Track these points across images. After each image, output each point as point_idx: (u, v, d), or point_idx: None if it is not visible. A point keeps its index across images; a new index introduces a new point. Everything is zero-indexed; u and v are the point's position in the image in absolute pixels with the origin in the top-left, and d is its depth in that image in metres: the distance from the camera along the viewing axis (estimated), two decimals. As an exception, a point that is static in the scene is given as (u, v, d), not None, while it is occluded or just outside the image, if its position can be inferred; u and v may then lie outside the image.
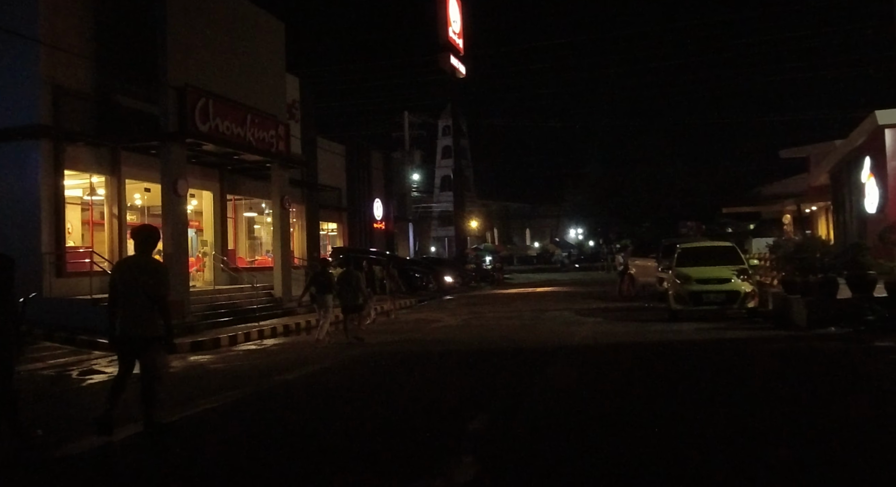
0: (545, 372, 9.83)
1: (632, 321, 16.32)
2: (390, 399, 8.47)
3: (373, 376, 10.40)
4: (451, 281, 32.26)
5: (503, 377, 9.58)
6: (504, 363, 10.84)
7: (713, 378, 9.07)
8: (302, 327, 18.31)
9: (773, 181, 48.28)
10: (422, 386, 9.31)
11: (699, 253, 16.86)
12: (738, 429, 6.31)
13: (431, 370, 10.72)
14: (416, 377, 9.97)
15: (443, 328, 16.78)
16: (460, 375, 10.07)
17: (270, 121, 20.57)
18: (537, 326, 16.03)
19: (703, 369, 9.86)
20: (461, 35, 41.35)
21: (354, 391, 9.22)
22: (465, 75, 41.47)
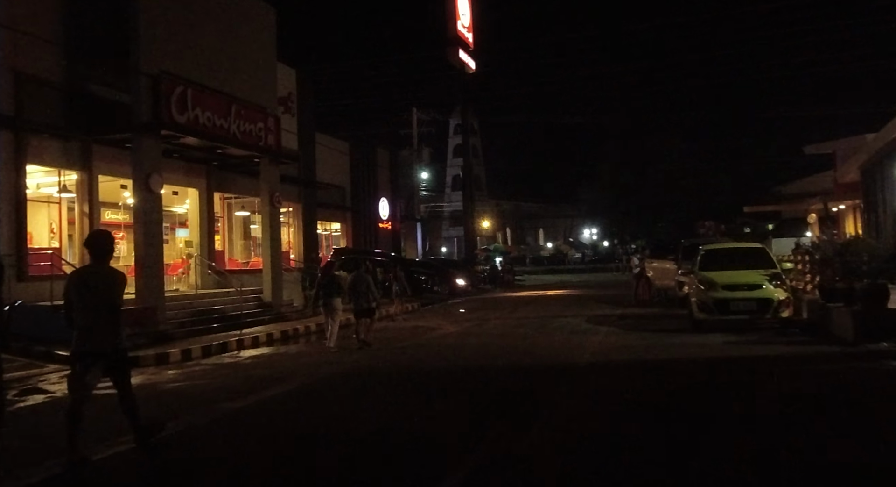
0: (545, 404, 8.03)
1: (649, 330, 14.47)
2: (344, 440, 6.70)
3: (336, 404, 8.64)
4: (458, 284, 30.46)
5: (492, 411, 7.79)
6: (497, 390, 9.06)
7: (756, 416, 7.22)
8: (290, 335, 16.65)
9: (795, 180, 46.16)
10: (388, 422, 7.53)
11: (725, 255, 14.97)
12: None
13: (410, 396, 8.94)
14: (386, 408, 8.20)
15: (439, 339, 15.02)
16: (442, 406, 8.29)
17: (259, 113, 18.90)
18: (543, 337, 14.22)
19: (741, 400, 8.01)
20: (470, 29, 39.47)
21: (306, 427, 7.45)
22: (474, 71, 39.57)
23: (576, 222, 69.65)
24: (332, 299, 13.67)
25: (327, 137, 30.27)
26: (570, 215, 66.99)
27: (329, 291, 13.77)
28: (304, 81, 24.57)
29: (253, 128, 18.54)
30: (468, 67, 39.00)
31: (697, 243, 19.81)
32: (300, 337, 16.73)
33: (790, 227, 40.03)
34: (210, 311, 17.37)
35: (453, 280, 30.59)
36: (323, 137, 29.26)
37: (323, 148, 28.61)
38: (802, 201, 35.30)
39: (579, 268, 54.23)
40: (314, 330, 17.63)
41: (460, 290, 30.05)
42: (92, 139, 16.29)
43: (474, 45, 40.21)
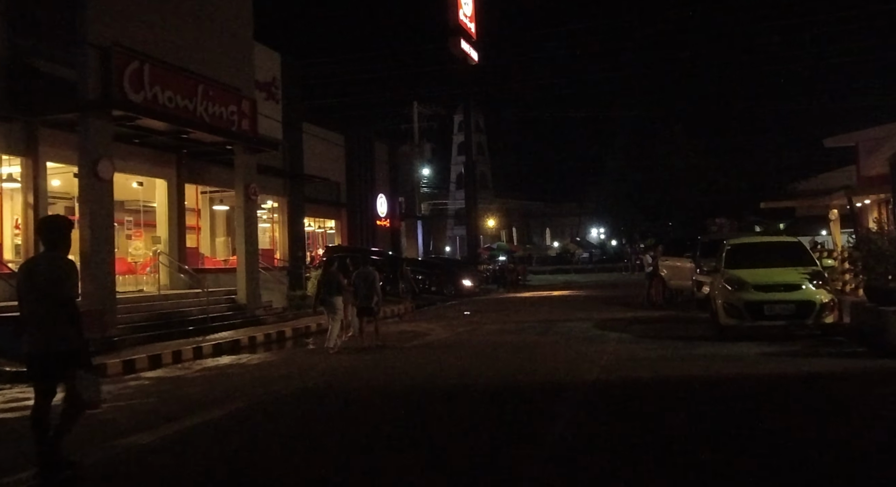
0: (537, 443, 5.88)
1: (666, 338, 12.28)
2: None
3: (270, 440, 6.51)
4: (463, 284, 28.36)
5: (469, 454, 5.66)
6: (479, 419, 6.91)
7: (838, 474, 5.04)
8: (260, 341, 14.56)
9: (810, 177, 43.82)
10: (331, 469, 5.42)
11: (755, 251, 12.74)
12: None
13: (367, 427, 6.81)
14: (334, 446, 6.08)
15: (426, 347, 12.88)
16: (408, 442, 6.16)
17: (231, 95, 16.83)
18: (545, 345, 12.05)
19: (813, 447, 5.82)
20: (473, 19, 37.34)
21: (214, 477, 5.36)
22: (477, 62, 37.44)
23: (583, 221, 67.26)
24: (332, 298, 12.72)
25: (320, 129, 28.15)
26: (578, 214, 64.60)
27: (330, 289, 12.79)
28: (291, 67, 22.48)
29: (224, 111, 16.47)
30: (471, 58, 36.87)
31: (718, 239, 17.62)
32: (273, 344, 14.66)
33: (804, 226, 37.64)
34: (173, 314, 15.30)
35: (458, 281, 28.49)
36: (315, 129, 27.16)
37: (315, 140, 26.53)
38: (824, 196, 32.93)
39: (587, 268, 51.97)
40: (290, 335, 15.57)
41: (466, 291, 27.97)
42: (38, 121, 14.26)
43: (477, 36, 38.10)
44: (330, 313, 12.82)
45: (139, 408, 8.14)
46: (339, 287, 12.91)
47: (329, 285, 12.95)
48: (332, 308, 12.75)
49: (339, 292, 12.89)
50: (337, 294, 12.85)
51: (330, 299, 12.79)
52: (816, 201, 33.77)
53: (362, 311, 12.91)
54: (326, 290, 12.97)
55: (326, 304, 12.88)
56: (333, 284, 12.92)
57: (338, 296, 12.85)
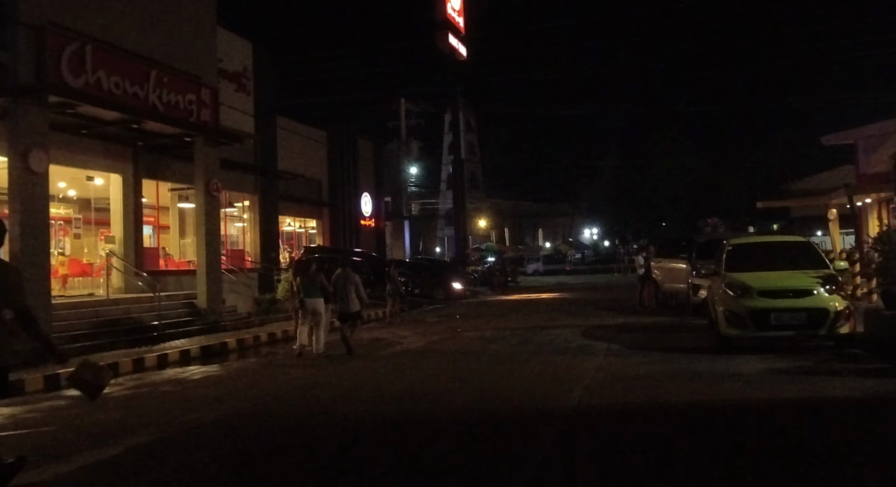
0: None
1: (659, 349, 10.82)
2: None
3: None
4: (446, 287, 26.92)
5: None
6: (428, 462, 5.45)
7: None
8: (215, 351, 13.08)
9: (805, 176, 42.58)
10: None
11: (759, 252, 11.29)
12: None
13: (282, 476, 5.33)
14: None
15: (394, 357, 11.41)
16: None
17: (189, 83, 15.37)
18: (523, 359, 10.57)
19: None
20: (461, 13, 35.90)
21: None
22: (465, 58, 36.00)
23: (576, 222, 65.81)
24: (311, 301, 11.87)
25: (301, 125, 26.76)
26: (570, 214, 63.14)
27: (309, 292, 11.93)
28: (263, 57, 20.99)
29: (181, 100, 15.00)
30: (459, 53, 35.46)
31: (716, 239, 16.21)
32: (229, 354, 13.21)
33: (799, 226, 36.29)
34: (122, 321, 13.83)
35: (447, 283, 27.06)
36: (294, 124, 25.75)
37: (294, 136, 25.08)
38: (819, 197, 31.56)
39: (579, 269, 50.51)
40: (250, 344, 14.11)
41: (455, 294, 26.59)
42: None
43: (466, 31, 36.68)
44: (307, 317, 11.93)
45: (26, 441, 6.65)
46: (320, 290, 12.08)
47: (310, 288, 11.99)
48: (311, 313, 11.86)
49: (313, 294, 11.99)
50: (316, 297, 11.96)
51: (308, 303, 11.87)
52: (814, 200, 32.40)
53: (346, 316, 12.09)
54: (307, 293, 11.98)
55: (304, 308, 11.95)
56: (314, 287, 12.01)
57: (317, 298, 11.95)
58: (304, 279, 12.26)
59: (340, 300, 12.19)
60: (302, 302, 12.12)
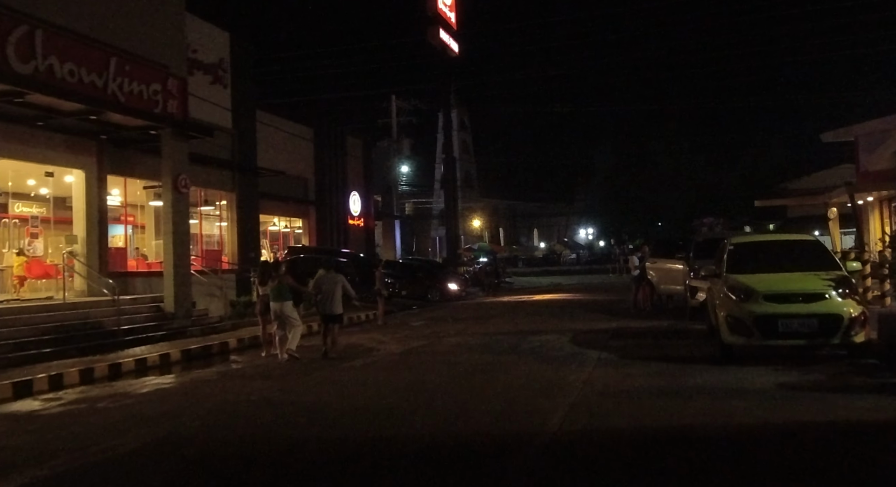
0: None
1: (655, 358, 9.79)
2: None
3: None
4: (442, 288, 25.96)
5: None
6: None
7: None
8: (173, 359, 12.03)
9: (802, 176, 41.65)
10: None
11: (764, 252, 10.26)
12: None
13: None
14: None
15: (365, 368, 10.36)
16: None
17: (155, 71, 14.31)
18: (505, 369, 9.52)
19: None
20: (453, 8, 34.85)
21: None
22: (457, 54, 34.96)
23: (571, 222, 64.78)
24: (277, 304, 11.22)
25: (286, 121, 25.64)
26: (566, 214, 62.12)
27: (276, 294, 11.28)
28: (241, 48, 19.91)
29: (145, 90, 13.94)
30: (451, 49, 34.41)
31: (715, 238, 15.20)
32: (191, 362, 12.14)
33: (797, 226, 35.31)
34: (78, 326, 12.76)
35: (443, 284, 26.07)
36: (278, 120, 24.63)
37: (277, 132, 23.98)
38: (819, 195, 30.55)
39: (574, 269, 49.43)
40: (216, 351, 13.04)
41: (452, 294, 25.65)
42: None
43: (459, 26, 35.64)
44: (279, 322, 11.31)
45: None
46: (292, 294, 11.49)
47: (277, 289, 11.34)
48: (282, 318, 11.25)
49: (288, 298, 11.39)
50: (285, 300, 11.31)
51: (275, 306, 11.24)
52: (813, 199, 31.41)
53: (329, 318, 11.60)
54: (272, 295, 11.34)
55: (275, 312, 11.29)
56: (285, 290, 11.37)
57: (286, 301, 11.31)
58: (272, 281, 11.57)
59: (324, 302, 11.59)
60: (267, 305, 11.47)
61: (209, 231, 20.11)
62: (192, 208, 19.36)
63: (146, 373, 10.97)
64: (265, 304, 12.50)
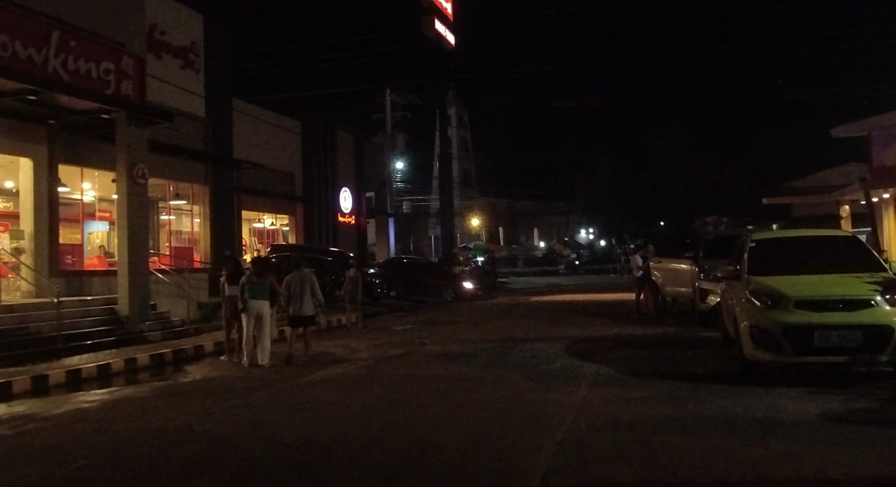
0: None
1: (664, 375, 8.20)
2: None
3: None
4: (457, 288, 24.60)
5: None
6: None
7: None
8: (115, 370, 10.48)
9: (808, 175, 40.07)
10: None
11: (792, 250, 8.66)
12: None
13: None
14: None
15: (322, 384, 8.79)
16: None
17: (107, 49, 12.75)
18: (485, 388, 7.93)
19: None
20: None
21: None
22: (454, 46, 33.35)
23: (572, 221, 63.11)
24: (257, 303, 10.49)
25: (270, 112, 24.11)
26: (566, 212, 60.44)
27: (256, 293, 10.49)
28: (216, 31, 18.31)
29: (94, 69, 12.38)
30: (447, 41, 32.80)
31: (727, 235, 13.62)
32: (137, 373, 10.61)
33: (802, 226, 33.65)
34: (12, 332, 11.17)
35: (460, 284, 24.75)
36: (260, 111, 23.09)
37: (260, 123, 22.44)
38: (828, 194, 28.93)
39: (574, 269, 47.82)
40: (169, 360, 11.49)
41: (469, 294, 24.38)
42: None
43: (456, 17, 34.04)
44: (249, 322, 10.48)
45: None
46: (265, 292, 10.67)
47: (257, 287, 10.55)
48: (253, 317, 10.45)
49: (264, 296, 10.62)
50: (259, 298, 10.54)
51: (255, 305, 10.47)
52: (824, 197, 29.78)
53: (298, 320, 10.97)
54: (252, 293, 10.50)
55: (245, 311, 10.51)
56: (265, 287, 10.64)
57: (260, 301, 10.55)
58: (253, 278, 10.66)
59: (295, 303, 10.94)
60: (245, 304, 10.50)
61: (180, 227, 18.57)
62: (162, 203, 17.88)
63: (78, 387, 9.41)
64: (234, 305, 11.18)
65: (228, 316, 11.39)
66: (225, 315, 11.56)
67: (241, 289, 10.83)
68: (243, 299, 10.67)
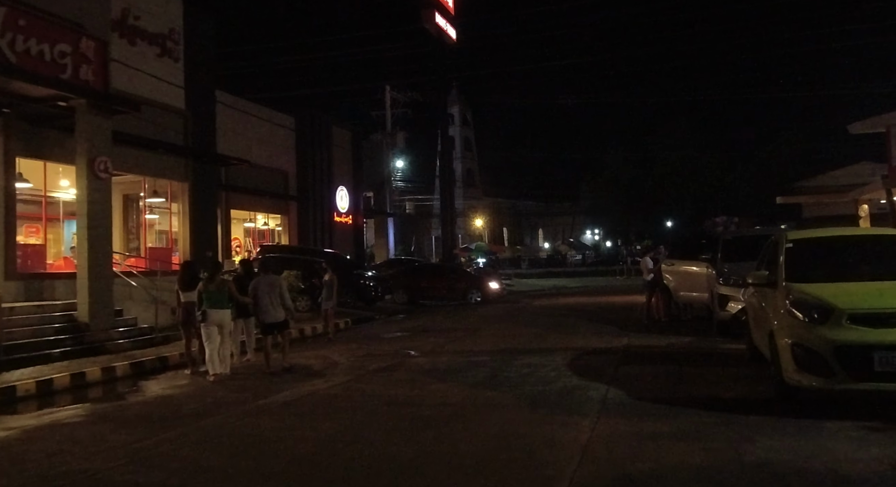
0: None
1: (686, 402, 6.79)
2: None
3: None
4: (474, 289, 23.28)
5: None
6: None
7: None
8: (59, 386, 9.21)
9: (819, 174, 38.56)
10: None
11: (838, 252, 7.22)
12: None
13: None
14: None
15: (281, 409, 7.43)
16: None
17: (63, 30, 11.46)
18: (470, 421, 6.54)
19: None
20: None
21: None
22: (455, 41, 32.01)
23: (577, 221, 61.56)
24: (217, 313, 9.52)
25: (261, 107, 22.86)
26: (572, 213, 58.91)
27: (215, 301, 9.50)
28: (198, 18, 16.97)
29: (47, 51, 11.07)
30: (448, 35, 31.47)
31: (752, 235, 12.26)
32: (91, 386, 9.33)
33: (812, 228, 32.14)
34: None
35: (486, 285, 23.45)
36: (250, 105, 21.86)
37: (249, 117, 21.16)
38: (844, 193, 27.44)
39: (579, 271, 46.33)
40: (127, 372, 10.23)
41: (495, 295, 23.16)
42: None
43: (458, 12, 32.71)
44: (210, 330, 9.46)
45: None
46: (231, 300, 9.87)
47: (216, 295, 9.53)
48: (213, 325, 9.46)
49: (227, 305, 9.73)
50: (225, 307, 9.63)
51: (214, 315, 9.47)
52: (841, 195, 28.34)
53: (269, 327, 9.91)
54: (211, 302, 9.49)
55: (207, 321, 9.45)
56: (223, 294, 9.65)
57: (221, 309, 9.56)
58: (210, 286, 9.60)
59: (263, 309, 9.93)
60: (205, 314, 9.45)
61: (157, 227, 17.28)
62: (140, 200, 16.62)
63: (7, 409, 8.10)
64: (188, 313, 10.12)
65: (183, 321, 10.23)
66: (180, 323, 10.37)
67: (199, 297, 9.65)
68: (202, 310, 9.54)
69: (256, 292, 10.09)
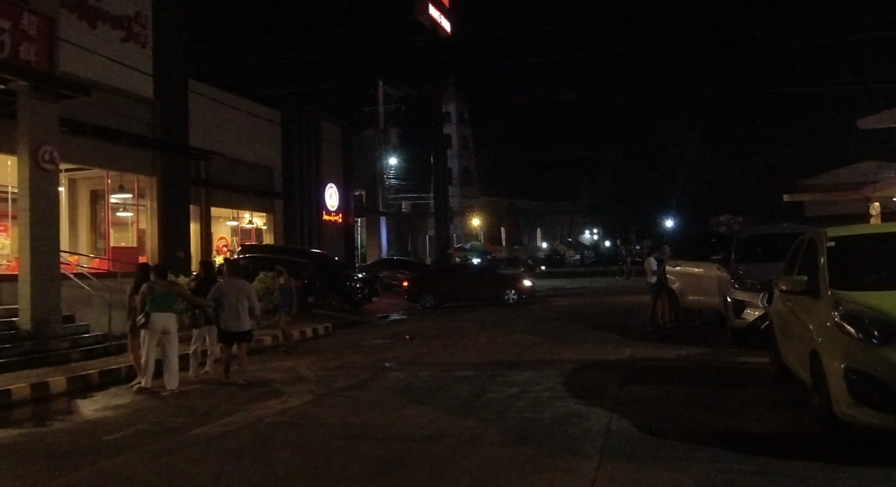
0: None
1: (706, 437, 5.45)
2: None
3: None
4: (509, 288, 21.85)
5: None
6: None
7: None
8: None
9: (822, 172, 37.34)
10: None
11: (893, 252, 5.91)
12: None
13: None
14: None
15: (207, 446, 6.11)
16: None
17: (2, 4, 10.12)
18: (439, 466, 5.21)
19: None
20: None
21: None
22: (450, 34, 30.75)
23: (576, 221, 60.26)
24: (161, 316, 8.47)
25: (242, 100, 21.58)
26: (570, 212, 57.60)
27: (159, 304, 8.48)
28: (168, 1, 15.65)
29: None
30: (442, 28, 30.24)
31: (768, 234, 10.99)
32: (16, 406, 8.02)
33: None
34: None
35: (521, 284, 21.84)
36: (231, 97, 20.56)
37: (230, 110, 19.83)
38: (854, 191, 26.16)
39: (578, 271, 44.98)
40: (59, 390, 8.85)
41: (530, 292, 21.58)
42: None
43: (452, 4, 31.43)
44: (153, 336, 8.52)
45: None
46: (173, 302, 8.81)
47: (161, 298, 8.53)
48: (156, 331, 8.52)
49: (172, 308, 8.71)
50: (169, 311, 8.62)
51: (159, 319, 8.47)
52: (850, 193, 27.05)
53: (229, 337, 9.00)
54: (155, 305, 8.44)
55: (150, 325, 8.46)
56: (171, 297, 8.69)
57: (170, 314, 8.63)
58: (156, 287, 8.59)
59: (227, 316, 8.94)
60: (147, 317, 8.43)
61: (122, 225, 15.97)
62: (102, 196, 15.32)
63: None
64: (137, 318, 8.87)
65: (131, 328, 9.01)
66: (128, 330, 9.15)
67: (142, 299, 8.42)
68: (144, 313, 8.32)
69: (220, 296, 9.02)
